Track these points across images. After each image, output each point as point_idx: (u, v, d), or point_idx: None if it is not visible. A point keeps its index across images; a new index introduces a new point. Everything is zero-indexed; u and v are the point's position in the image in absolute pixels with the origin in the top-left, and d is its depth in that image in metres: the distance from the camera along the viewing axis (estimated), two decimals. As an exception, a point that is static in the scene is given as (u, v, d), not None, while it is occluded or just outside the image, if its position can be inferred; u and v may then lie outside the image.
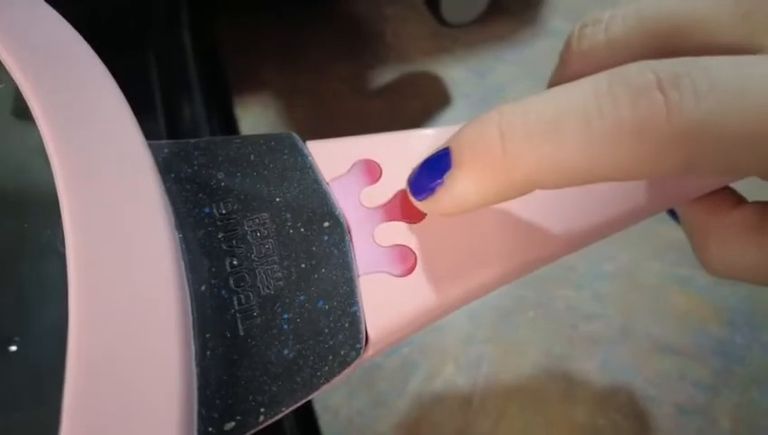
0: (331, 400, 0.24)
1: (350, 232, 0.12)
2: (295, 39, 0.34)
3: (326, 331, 0.11)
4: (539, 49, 0.35)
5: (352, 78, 0.33)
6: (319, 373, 0.11)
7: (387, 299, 0.11)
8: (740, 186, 0.14)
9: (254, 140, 0.13)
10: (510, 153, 0.10)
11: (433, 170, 0.11)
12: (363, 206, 0.12)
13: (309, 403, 0.24)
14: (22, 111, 0.12)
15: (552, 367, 0.26)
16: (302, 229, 0.12)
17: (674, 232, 0.28)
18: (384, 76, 0.33)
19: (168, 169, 0.12)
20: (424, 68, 0.33)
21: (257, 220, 0.12)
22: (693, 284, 0.28)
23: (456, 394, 0.25)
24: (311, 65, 0.33)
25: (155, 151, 0.12)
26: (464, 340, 0.26)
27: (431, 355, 0.25)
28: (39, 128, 0.11)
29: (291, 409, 0.10)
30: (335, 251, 0.12)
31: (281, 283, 0.11)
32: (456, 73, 0.33)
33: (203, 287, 0.11)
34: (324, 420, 0.24)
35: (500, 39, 0.35)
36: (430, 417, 0.24)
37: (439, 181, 0.10)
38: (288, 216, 0.12)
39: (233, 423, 0.10)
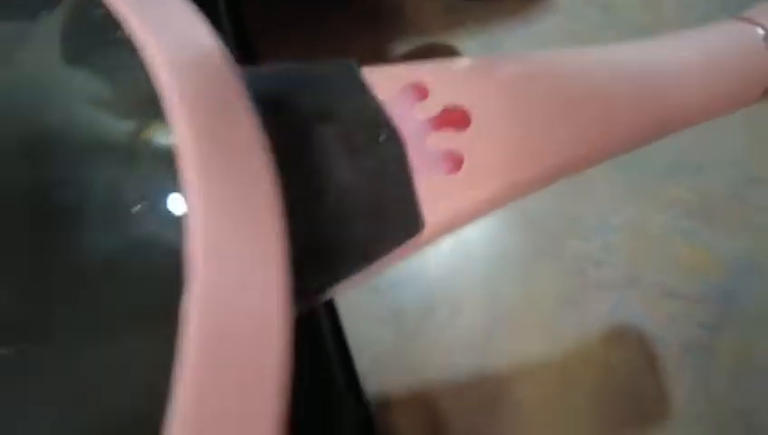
0: (359, 336, 0.26)
1: (404, 142, 0.14)
2: (315, 17, 0.36)
3: (387, 214, 0.13)
4: (549, 24, 0.36)
5: (373, 52, 0.34)
6: (379, 248, 0.12)
7: (440, 194, 0.13)
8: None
9: (313, 65, 0.15)
10: None
11: None
12: (415, 119, 0.14)
13: (341, 336, 0.25)
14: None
15: (565, 311, 0.27)
16: (363, 141, 0.14)
17: (676, 188, 0.30)
18: (403, 49, 0.35)
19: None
20: (439, 41, 0.35)
21: (323, 134, 0.14)
22: (697, 236, 0.29)
23: (474, 336, 0.27)
24: (333, 41, 0.35)
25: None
26: (477, 285, 0.28)
27: (448, 301, 0.27)
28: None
29: (353, 279, 0.12)
30: (393, 156, 0.13)
31: (348, 179, 0.13)
32: (468, 46, 0.35)
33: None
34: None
35: (512, 14, 0.37)
36: (449, 356, 0.26)
37: None
38: (351, 129, 0.14)
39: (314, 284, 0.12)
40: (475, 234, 0.28)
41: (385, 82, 0.14)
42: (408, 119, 0.14)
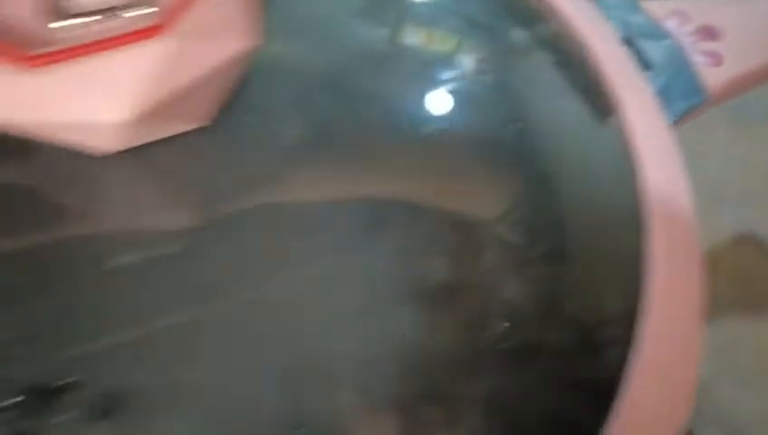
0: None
1: (680, 46, 0.20)
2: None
3: (683, 89, 0.19)
4: None
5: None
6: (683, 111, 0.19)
7: (710, 78, 0.20)
8: None
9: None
10: None
11: None
12: (681, 32, 0.21)
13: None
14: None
15: (701, 218, 0.34)
16: (653, 47, 0.20)
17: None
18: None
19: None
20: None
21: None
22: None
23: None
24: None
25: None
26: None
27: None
28: None
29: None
30: (675, 53, 0.20)
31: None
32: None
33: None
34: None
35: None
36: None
37: None
38: (642, 41, 0.20)
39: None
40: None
41: (654, 9, 0.21)
42: (678, 32, 0.21)
